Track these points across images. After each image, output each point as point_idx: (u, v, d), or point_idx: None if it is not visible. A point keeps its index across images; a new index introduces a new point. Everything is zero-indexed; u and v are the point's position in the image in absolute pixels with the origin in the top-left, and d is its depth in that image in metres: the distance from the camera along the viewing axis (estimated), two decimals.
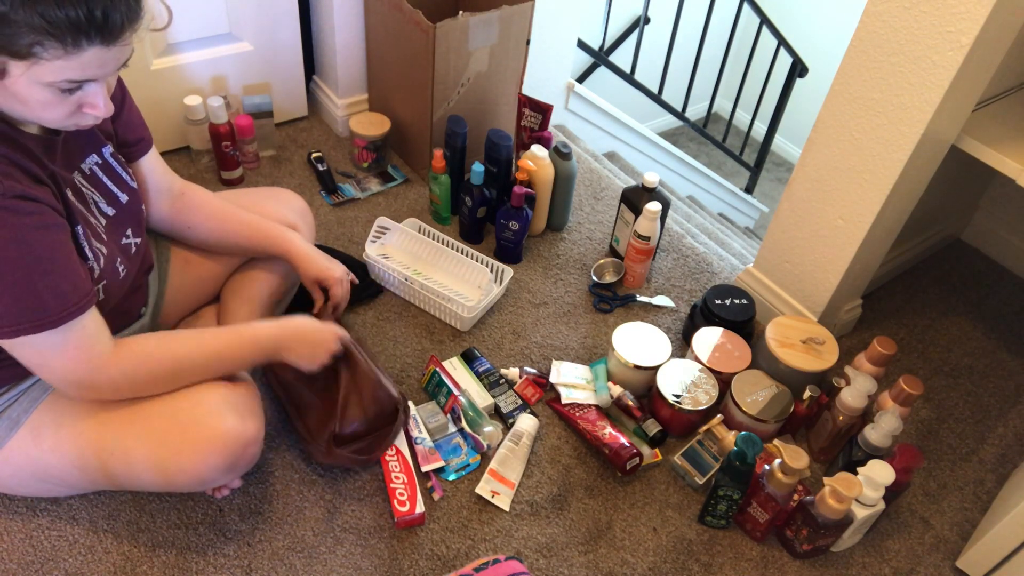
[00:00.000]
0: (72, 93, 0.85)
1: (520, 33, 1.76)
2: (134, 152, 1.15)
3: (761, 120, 3.66)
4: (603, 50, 3.55)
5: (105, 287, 1.02)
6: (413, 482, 1.24)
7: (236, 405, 1.08)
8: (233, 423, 1.05)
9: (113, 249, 1.04)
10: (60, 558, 1.12)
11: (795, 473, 1.16)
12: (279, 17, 1.82)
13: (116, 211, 1.07)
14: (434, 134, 1.78)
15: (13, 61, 0.78)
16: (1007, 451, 1.49)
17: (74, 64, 0.80)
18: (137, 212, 1.12)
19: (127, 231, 1.09)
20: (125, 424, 1.04)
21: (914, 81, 1.22)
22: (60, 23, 0.76)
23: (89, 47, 0.80)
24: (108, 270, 1.02)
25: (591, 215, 1.90)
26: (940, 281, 1.86)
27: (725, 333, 1.47)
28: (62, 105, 0.85)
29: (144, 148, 1.16)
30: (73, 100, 0.86)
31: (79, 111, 0.88)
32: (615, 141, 2.75)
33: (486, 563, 1.05)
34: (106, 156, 1.06)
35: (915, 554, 1.31)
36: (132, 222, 1.11)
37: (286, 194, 1.44)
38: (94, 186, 1.03)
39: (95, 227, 1.01)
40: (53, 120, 0.87)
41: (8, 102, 0.84)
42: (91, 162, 1.03)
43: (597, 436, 1.33)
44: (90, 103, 0.87)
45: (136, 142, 1.14)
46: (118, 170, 1.08)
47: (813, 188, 1.46)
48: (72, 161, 1.00)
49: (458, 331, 1.55)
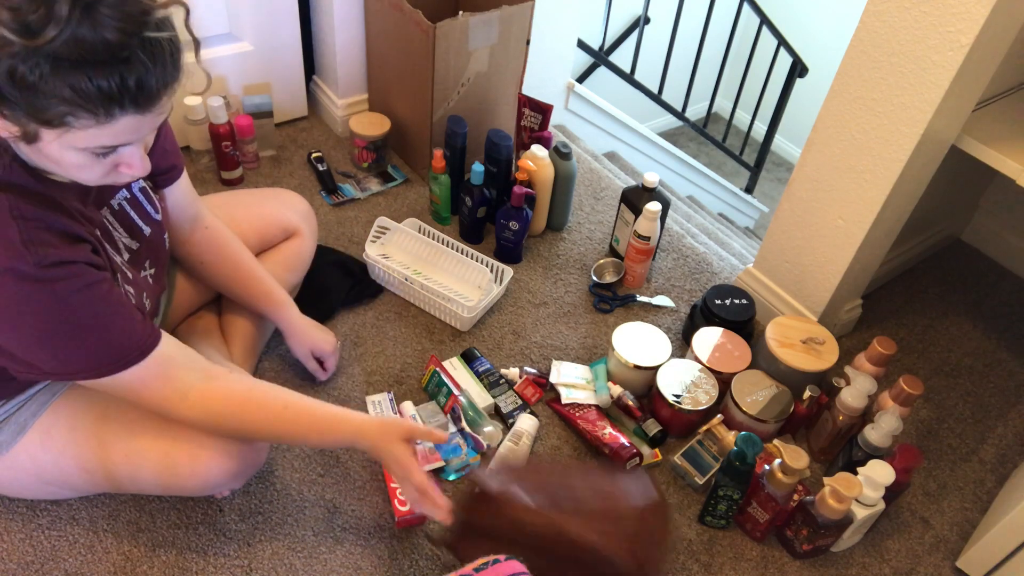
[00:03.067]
0: (107, 156, 0.82)
1: (520, 33, 1.76)
2: (166, 179, 1.12)
3: (761, 120, 3.66)
4: (603, 50, 3.55)
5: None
6: None
7: None
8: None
9: (136, 287, 1.02)
10: (60, 558, 1.12)
11: (795, 473, 1.16)
12: (279, 17, 1.82)
13: (139, 245, 1.04)
14: (434, 134, 1.78)
15: (44, 128, 0.75)
16: (1007, 451, 1.49)
17: (107, 132, 0.77)
18: (158, 244, 1.09)
19: (145, 263, 1.06)
20: (133, 429, 1.03)
21: (914, 81, 1.22)
22: (91, 95, 0.72)
23: (122, 116, 0.76)
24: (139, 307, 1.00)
25: (591, 215, 1.90)
26: (940, 281, 1.86)
27: (725, 333, 1.47)
28: (97, 166, 0.82)
29: (175, 176, 1.13)
30: (108, 162, 0.83)
31: (115, 171, 0.85)
32: (615, 141, 2.75)
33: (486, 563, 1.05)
34: (134, 191, 1.04)
35: (915, 554, 1.31)
36: (151, 255, 1.08)
37: (289, 196, 1.44)
38: (120, 221, 1.01)
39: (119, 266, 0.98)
40: (88, 180, 0.85)
41: (43, 161, 0.81)
42: (120, 197, 1.01)
43: (597, 436, 1.33)
44: (126, 163, 0.84)
45: (168, 170, 1.11)
46: (144, 204, 1.05)
47: (813, 188, 1.46)
48: (102, 199, 0.97)
49: (458, 331, 1.55)
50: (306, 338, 1.32)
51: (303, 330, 1.32)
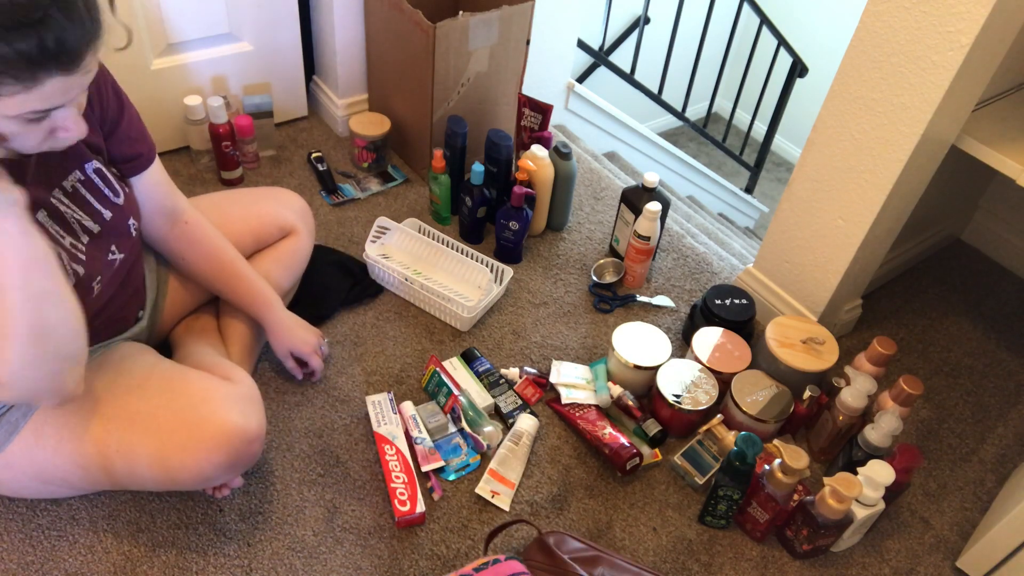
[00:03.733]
0: (40, 121, 0.81)
1: (520, 33, 1.76)
2: (131, 168, 1.11)
3: (761, 120, 3.66)
4: (603, 50, 3.55)
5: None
6: (413, 482, 1.24)
7: (239, 401, 1.08)
8: (236, 419, 1.05)
9: (93, 268, 1.02)
10: (60, 558, 1.12)
11: (795, 473, 1.16)
12: (279, 17, 1.82)
13: (101, 227, 1.03)
14: (434, 134, 1.78)
15: None
16: (1007, 451, 1.49)
17: (35, 96, 0.76)
18: (122, 228, 1.08)
19: (111, 247, 1.06)
20: (127, 422, 1.04)
21: (914, 81, 1.22)
22: (12, 60, 0.72)
23: (48, 78, 0.76)
24: (79, 290, 0.98)
25: (591, 215, 1.90)
26: (940, 281, 1.86)
27: (725, 333, 1.47)
28: (32, 133, 0.82)
29: (142, 164, 1.12)
30: (43, 126, 0.82)
31: (52, 135, 0.85)
32: (615, 141, 2.75)
33: (486, 563, 1.05)
34: (88, 172, 1.02)
35: (915, 554, 1.31)
36: (116, 238, 1.06)
37: (286, 194, 1.44)
38: (78, 204, 1.00)
39: (72, 248, 0.98)
40: (26, 147, 0.85)
41: None
42: (73, 179, 1.00)
43: (597, 436, 1.33)
44: (61, 126, 0.84)
45: (133, 158, 1.10)
46: (100, 186, 1.03)
47: (813, 188, 1.46)
48: (51, 180, 0.96)
49: (458, 331, 1.55)
50: (286, 337, 1.31)
51: (286, 328, 1.31)
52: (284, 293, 1.41)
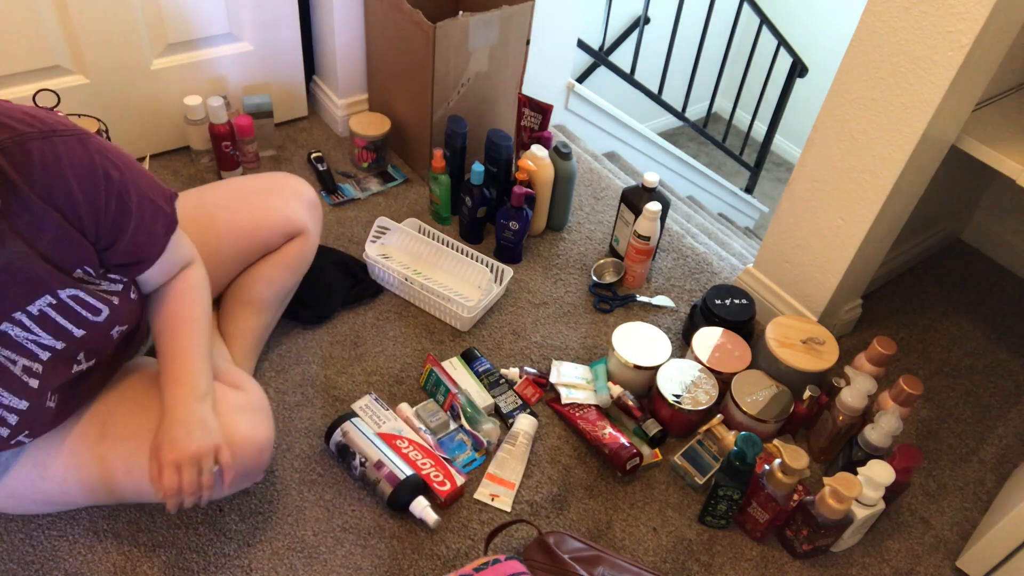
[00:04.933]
0: None
1: (520, 33, 1.76)
2: (133, 271, 0.99)
3: (761, 120, 3.66)
4: (603, 50, 3.55)
5: (30, 433, 0.96)
6: (440, 462, 1.27)
7: (247, 411, 1.07)
8: (245, 430, 1.04)
9: (49, 383, 0.93)
10: (60, 558, 1.12)
11: (795, 473, 1.16)
12: (279, 17, 1.82)
13: (65, 345, 0.93)
14: (434, 134, 1.78)
15: None
16: (1007, 451, 1.49)
17: None
18: (98, 341, 0.97)
19: (78, 357, 0.96)
20: (136, 443, 1.02)
21: (914, 81, 1.22)
22: None
23: None
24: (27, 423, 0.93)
25: (591, 215, 1.90)
26: (940, 281, 1.86)
27: (725, 333, 1.47)
28: None
29: (146, 267, 0.99)
30: None
31: None
32: (615, 141, 2.75)
33: (486, 563, 1.05)
34: (62, 298, 0.89)
35: (915, 554, 1.31)
36: (87, 349, 0.97)
37: (295, 185, 1.36)
38: (41, 325, 0.89)
39: (24, 371, 0.90)
40: None
41: None
42: (41, 303, 0.88)
43: (597, 436, 1.33)
44: None
45: (137, 263, 0.98)
46: (76, 309, 0.92)
47: (813, 188, 1.46)
48: (10, 306, 0.86)
49: (458, 331, 1.55)
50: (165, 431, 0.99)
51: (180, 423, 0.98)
52: (287, 294, 1.40)
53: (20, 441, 0.97)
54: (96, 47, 1.61)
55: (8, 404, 0.91)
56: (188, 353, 1.04)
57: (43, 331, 0.90)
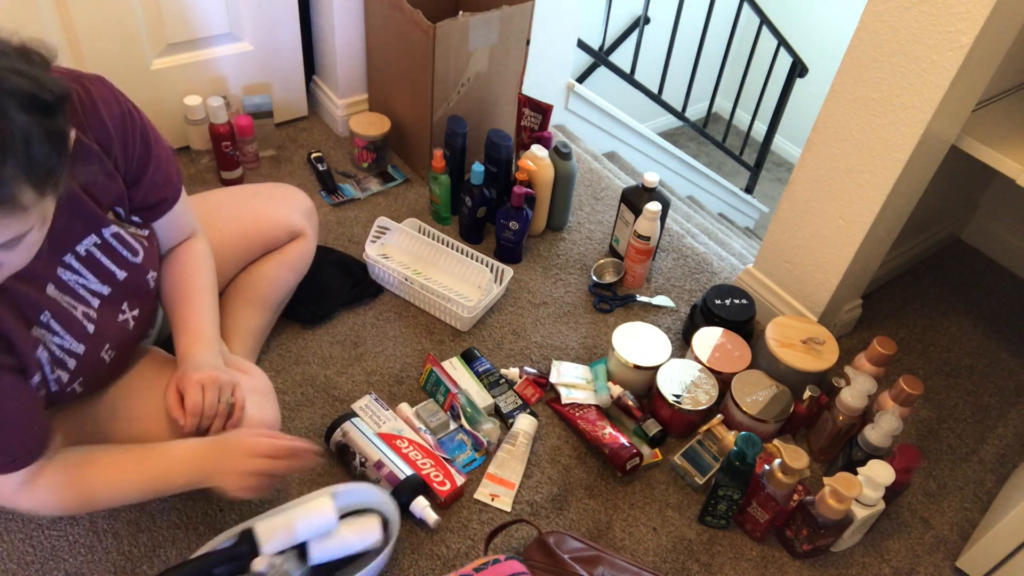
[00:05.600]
0: None
1: (520, 33, 1.76)
2: (154, 213, 1.04)
3: (761, 120, 3.66)
4: (603, 50, 3.55)
5: (84, 382, 0.97)
6: (440, 462, 1.26)
7: (253, 395, 1.08)
8: (254, 411, 1.06)
9: (99, 340, 0.96)
10: (60, 558, 1.12)
11: (795, 473, 1.16)
12: (279, 17, 1.82)
13: (111, 289, 0.98)
14: (434, 134, 1.78)
15: None
16: (1007, 451, 1.49)
17: None
18: (138, 286, 1.01)
19: (123, 306, 1.00)
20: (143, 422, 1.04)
21: (914, 81, 1.22)
22: None
23: None
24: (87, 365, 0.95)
25: (591, 215, 1.90)
26: (940, 281, 1.86)
27: (725, 333, 1.47)
28: None
29: (166, 208, 1.04)
30: None
31: None
32: (615, 141, 2.75)
33: (486, 563, 1.05)
34: (106, 236, 0.95)
35: (915, 554, 1.31)
36: (129, 297, 1.01)
37: (293, 194, 1.41)
38: (90, 267, 0.94)
39: (83, 317, 0.94)
40: None
41: None
42: (88, 243, 0.94)
43: (597, 436, 1.33)
44: None
45: (157, 203, 1.03)
46: (118, 249, 0.97)
47: (813, 188, 1.46)
48: (63, 247, 0.91)
49: (458, 331, 1.55)
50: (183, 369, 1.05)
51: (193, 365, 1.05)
52: (287, 293, 1.41)
53: (74, 390, 0.98)
54: (96, 47, 1.61)
55: (68, 348, 0.93)
56: (201, 313, 1.10)
57: (91, 274, 0.95)
